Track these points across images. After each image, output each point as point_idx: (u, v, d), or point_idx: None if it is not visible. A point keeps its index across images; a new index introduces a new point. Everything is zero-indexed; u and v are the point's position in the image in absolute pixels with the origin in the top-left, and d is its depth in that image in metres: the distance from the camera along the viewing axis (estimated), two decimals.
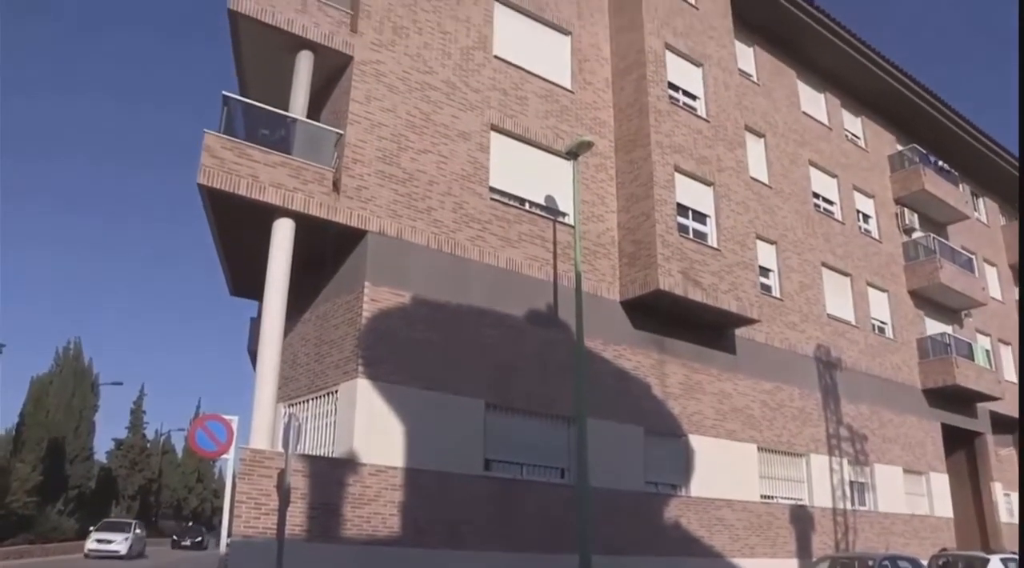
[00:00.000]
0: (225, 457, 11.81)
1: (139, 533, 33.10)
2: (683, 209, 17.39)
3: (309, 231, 13.47)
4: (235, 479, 11.47)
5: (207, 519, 71.45)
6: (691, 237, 17.22)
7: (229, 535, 11.27)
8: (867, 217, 25.56)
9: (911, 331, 25.26)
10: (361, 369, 12.63)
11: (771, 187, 21.64)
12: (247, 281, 17.42)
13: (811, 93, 24.99)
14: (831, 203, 24.17)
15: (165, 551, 42.11)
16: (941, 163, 28.08)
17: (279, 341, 12.83)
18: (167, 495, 65.70)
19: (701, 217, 17.85)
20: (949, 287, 25.62)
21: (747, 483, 17.91)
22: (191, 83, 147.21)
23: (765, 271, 20.51)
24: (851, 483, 20.80)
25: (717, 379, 18.07)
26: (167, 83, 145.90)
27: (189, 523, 58.03)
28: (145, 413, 57.94)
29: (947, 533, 23.68)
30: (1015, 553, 17.46)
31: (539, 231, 15.89)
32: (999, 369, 28.11)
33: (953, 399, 25.46)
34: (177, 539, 46.50)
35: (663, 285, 16.01)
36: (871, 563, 15.16)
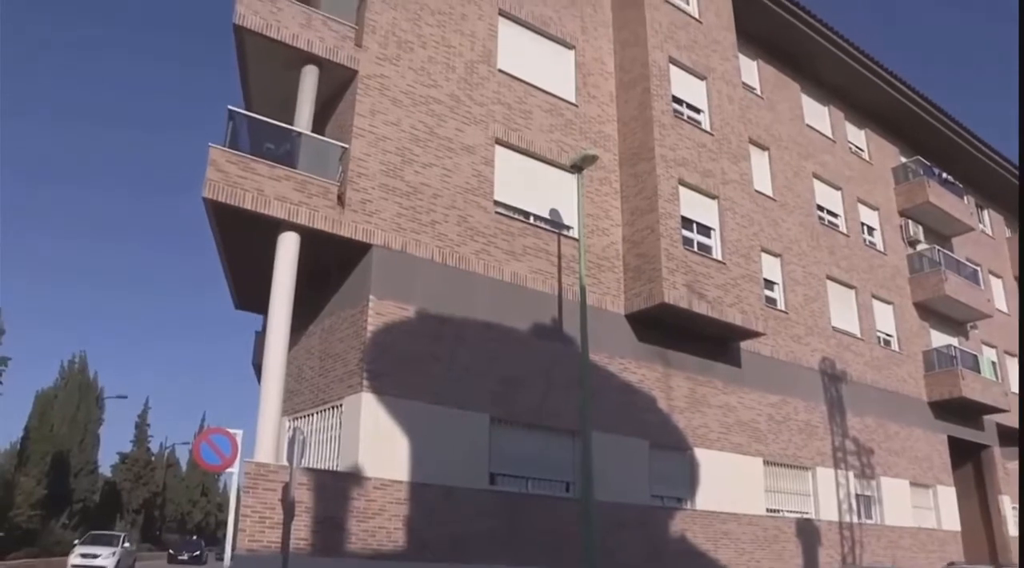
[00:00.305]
0: (229, 471, 11.80)
1: (128, 547, 31.25)
2: (687, 222, 17.40)
3: (314, 245, 13.50)
4: (239, 493, 11.47)
5: (211, 533, 71.36)
6: (696, 250, 17.21)
7: (233, 549, 11.25)
8: (872, 229, 25.54)
9: (917, 343, 25.19)
10: (366, 383, 12.63)
11: (775, 200, 21.65)
12: (252, 295, 17.46)
13: (815, 106, 25.03)
14: (835, 215, 24.16)
15: (161, 565, 41.30)
16: (945, 175, 28.08)
17: (284, 355, 12.83)
18: (171, 509, 65.66)
19: (706, 230, 17.85)
20: (954, 299, 25.55)
21: (753, 496, 17.83)
22: (195, 104, 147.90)
23: (770, 284, 20.48)
24: (857, 496, 20.70)
25: (722, 392, 18.03)
26: (170, 105, 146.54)
27: (194, 536, 57.74)
28: (150, 426, 58.01)
29: (955, 547, 23.53)
30: None
31: (544, 245, 15.90)
32: (1005, 381, 28.01)
33: (959, 412, 25.36)
34: (174, 553, 43.99)
35: (668, 298, 16.00)
36: None
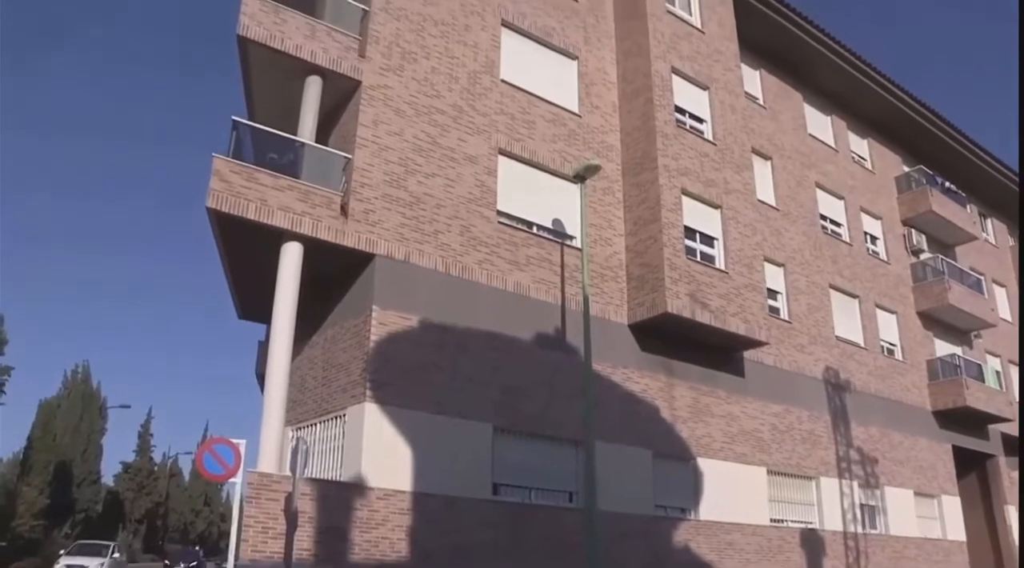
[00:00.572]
0: (232, 481, 11.79)
1: (117, 557, 29.80)
2: (691, 232, 17.41)
3: (317, 255, 13.52)
4: (242, 503, 11.46)
5: (214, 543, 71.23)
6: (699, 260, 17.21)
7: (236, 559, 11.24)
8: (875, 239, 25.54)
9: (920, 353, 25.14)
10: (369, 393, 12.63)
11: (778, 209, 21.66)
12: (255, 305, 17.47)
13: (817, 115, 25.07)
14: (838, 225, 24.16)
15: None
16: (948, 184, 28.08)
17: (287, 364, 12.84)
18: (174, 519, 65.60)
19: (709, 240, 17.86)
20: (958, 308, 25.52)
21: (757, 506, 17.78)
22: (198, 116, 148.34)
23: (773, 293, 20.48)
24: (862, 506, 20.63)
25: (725, 402, 18.00)
26: (172, 116, 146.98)
27: (196, 547, 57.49)
28: (153, 436, 58.09)
29: (960, 557, 23.43)
30: None
31: (546, 254, 15.91)
32: (1009, 390, 27.93)
33: (964, 421, 25.30)
34: (170, 564, 41.79)
35: (671, 308, 16.00)
36: None
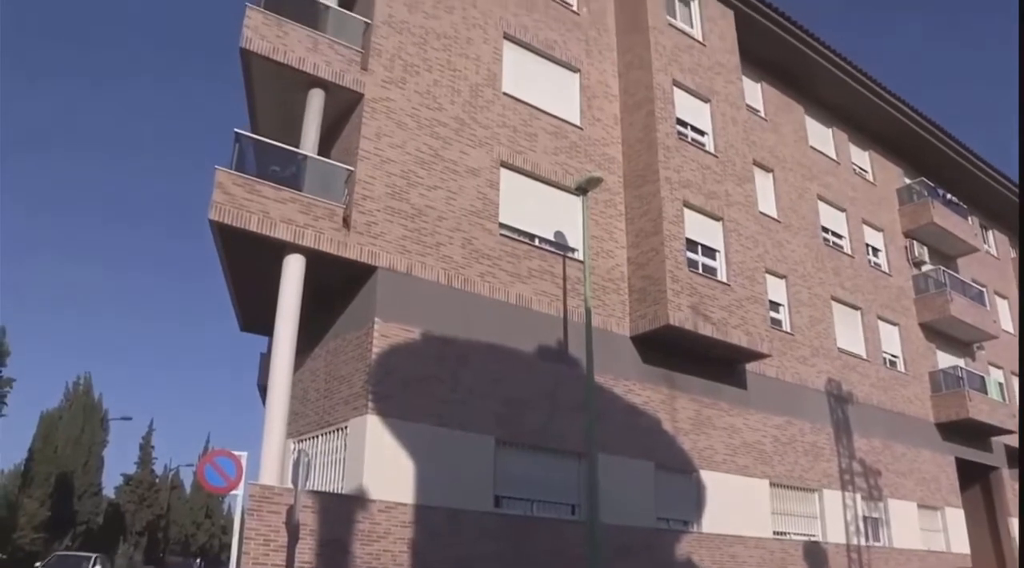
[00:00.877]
0: (234, 493, 11.78)
1: None
2: (692, 244, 17.42)
3: (319, 267, 13.55)
4: (244, 515, 11.43)
5: (215, 555, 71.00)
6: (701, 272, 17.22)
7: None
8: (876, 250, 25.55)
9: (923, 364, 25.11)
10: (371, 405, 12.62)
11: (780, 221, 21.68)
12: (257, 317, 17.49)
13: (819, 128, 25.13)
14: (840, 237, 24.18)
15: None
16: (949, 196, 28.11)
17: (289, 376, 12.85)
18: (175, 531, 65.41)
19: (710, 252, 17.87)
20: (960, 320, 25.50)
21: (759, 519, 17.73)
22: (197, 133, 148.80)
23: (775, 305, 20.48)
24: (865, 518, 20.56)
25: (728, 414, 17.97)
26: (173, 133, 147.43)
27: (198, 560, 57.29)
28: (154, 448, 58.00)
29: None
30: None
31: (548, 267, 15.92)
32: (1012, 402, 27.86)
33: (967, 433, 25.24)
34: None
35: (673, 320, 15.99)
36: None
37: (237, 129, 13.55)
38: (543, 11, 18.16)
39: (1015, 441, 26.67)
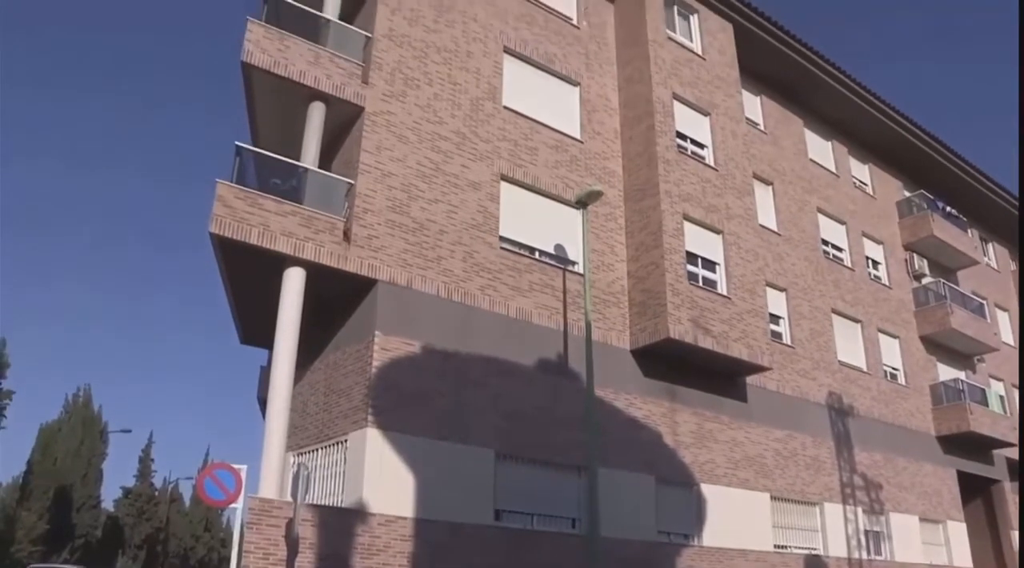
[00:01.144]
0: (233, 506, 11.76)
1: None
2: (692, 257, 17.43)
3: (319, 280, 13.55)
4: (243, 528, 11.41)
5: None
6: (701, 285, 17.23)
7: None
8: (876, 263, 25.57)
9: (924, 377, 25.08)
10: (371, 418, 12.60)
11: (780, 234, 21.71)
12: (257, 330, 17.49)
13: (818, 141, 25.20)
14: (840, 250, 24.20)
15: None
16: (949, 209, 28.16)
17: (289, 390, 12.83)
18: (174, 544, 65.09)
19: (711, 265, 17.88)
20: (961, 332, 25.49)
21: (760, 532, 17.67)
22: (196, 145, 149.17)
23: (775, 318, 20.47)
24: (866, 532, 20.50)
25: (729, 427, 17.94)
26: (172, 146, 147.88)
27: None
28: (154, 461, 57.80)
29: None
30: None
31: (549, 280, 15.93)
32: (1013, 414, 27.81)
33: (968, 446, 25.19)
34: None
35: (673, 334, 15.99)
36: None
37: (238, 142, 13.58)
38: (543, 25, 18.25)
39: (1017, 454, 26.61)
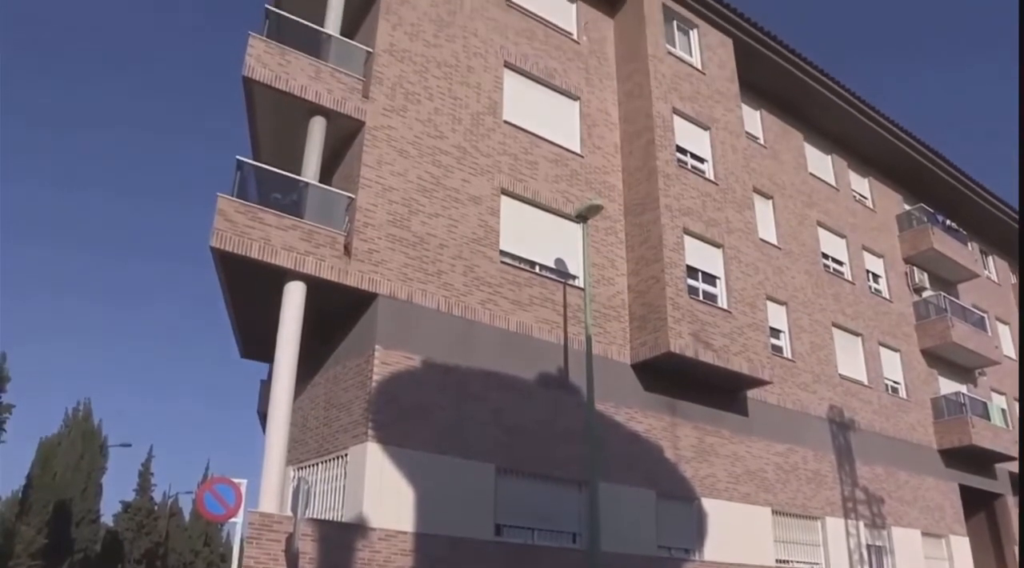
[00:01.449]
0: (233, 521, 11.75)
1: None
2: (693, 271, 17.44)
3: (320, 294, 13.56)
4: (243, 543, 11.38)
5: None
6: (701, 299, 17.23)
7: None
8: (877, 277, 25.58)
9: (925, 391, 25.04)
10: (371, 433, 12.59)
11: (780, 248, 21.73)
12: (258, 343, 17.49)
13: (818, 155, 25.26)
14: (840, 263, 24.22)
15: None
16: (949, 222, 28.20)
17: (289, 404, 12.82)
18: (174, 559, 64.83)
19: (711, 279, 17.89)
20: (962, 346, 25.47)
21: (762, 547, 17.60)
22: (195, 160, 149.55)
23: (776, 332, 20.47)
24: (868, 547, 20.41)
25: (729, 441, 17.90)
26: (171, 160, 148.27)
27: None
28: (153, 475, 57.58)
29: None
30: None
31: (549, 294, 15.94)
32: (1016, 428, 27.72)
33: (971, 460, 25.12)
34: None
35: (674, 347, 15.98)
36: None
37: (239, 156, 13.63)
38: (543, 40, 18.33)
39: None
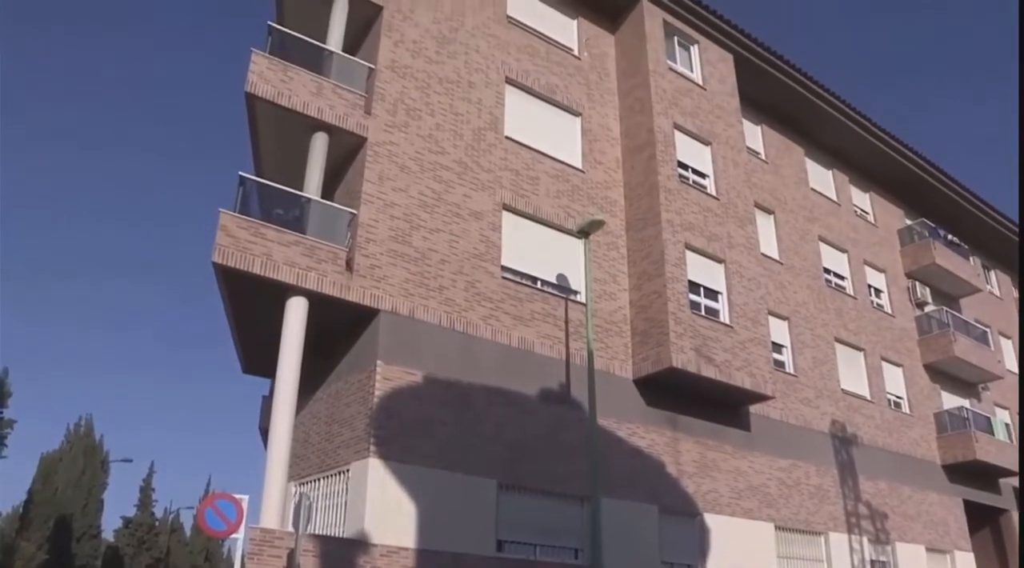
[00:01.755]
0: (235, 537, 11.70)
1: None
2: (695, 286, 17.45)
3: (322, 309, 13.57)
4: (244, 559, 11.33)
5: None
6: (703, 314, 17.22)
7: None
8: (879, 291, 25.56)
9: (928, 405, 24.97)
10: (373, 448, 12.56)
11: (782, 263, 21.73)
12: (259, 359, 17.48)
13: (819, 170, 25.31)
14: (842, 278, 24.21)
15: None
16: (951, 237, 28.22)
17: (291, 419, 12.81)
18: None
19: (713, 294, 17.89)
20: (964, 360, 25.42)
21: (765, 563, 17.50)
22: (195, 175, 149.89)
23: (778, 347, 20.44)
24: (872, 562, 20.30)
25: (732, 457, 17.84)
26: (172, 174, 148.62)
27: None
28: (154, 491, 57.43)
29: None
30: None
31: (551, 309, 15.94)
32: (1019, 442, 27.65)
33: (974, 475, 25.02)
34: None
35: (676, 363, 15.96)
36: None
37: (241, 172, 13.67)
38: (544, 56, 18.41)
39: None
